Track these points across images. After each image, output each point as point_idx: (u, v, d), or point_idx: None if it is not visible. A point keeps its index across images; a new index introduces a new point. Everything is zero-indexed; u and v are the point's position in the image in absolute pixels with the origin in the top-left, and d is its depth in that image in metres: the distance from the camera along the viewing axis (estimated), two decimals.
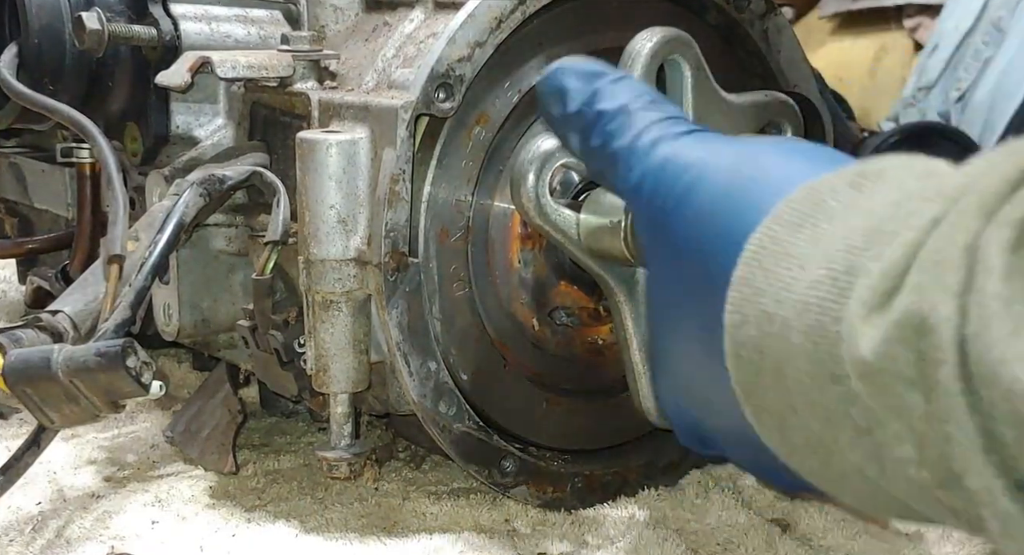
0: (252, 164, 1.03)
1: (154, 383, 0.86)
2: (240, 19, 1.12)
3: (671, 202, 0.66)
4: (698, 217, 0.64)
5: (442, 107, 0.92)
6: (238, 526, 0.97)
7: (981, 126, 2.08)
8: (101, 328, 0.90)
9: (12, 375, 0.87)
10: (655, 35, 0.95)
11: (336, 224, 0.93)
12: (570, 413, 1.03)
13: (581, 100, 0.75)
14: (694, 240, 0.64)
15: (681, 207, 0.65)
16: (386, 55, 0.99)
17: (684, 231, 0.65)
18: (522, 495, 1.00)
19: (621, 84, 0.75)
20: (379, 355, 0.96)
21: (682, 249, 0.65)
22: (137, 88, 1.10)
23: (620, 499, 1.04)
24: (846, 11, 2.49)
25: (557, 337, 1.01)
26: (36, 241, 1.34)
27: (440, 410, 0.95)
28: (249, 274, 1.05)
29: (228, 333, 1.10)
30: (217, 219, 1.06)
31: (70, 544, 0.94)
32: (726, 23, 1.07)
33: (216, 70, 0.99)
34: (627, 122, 0.72)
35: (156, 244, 0.95)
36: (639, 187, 0.69)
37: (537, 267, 1.00)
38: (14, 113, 1.13)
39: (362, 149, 0.93)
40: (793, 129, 1.04)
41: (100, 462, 1.11)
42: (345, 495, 1.03)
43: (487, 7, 0.93)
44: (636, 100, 0.73)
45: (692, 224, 0.64)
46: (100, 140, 1.00)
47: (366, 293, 0.94)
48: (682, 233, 0.65)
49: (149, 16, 1.08)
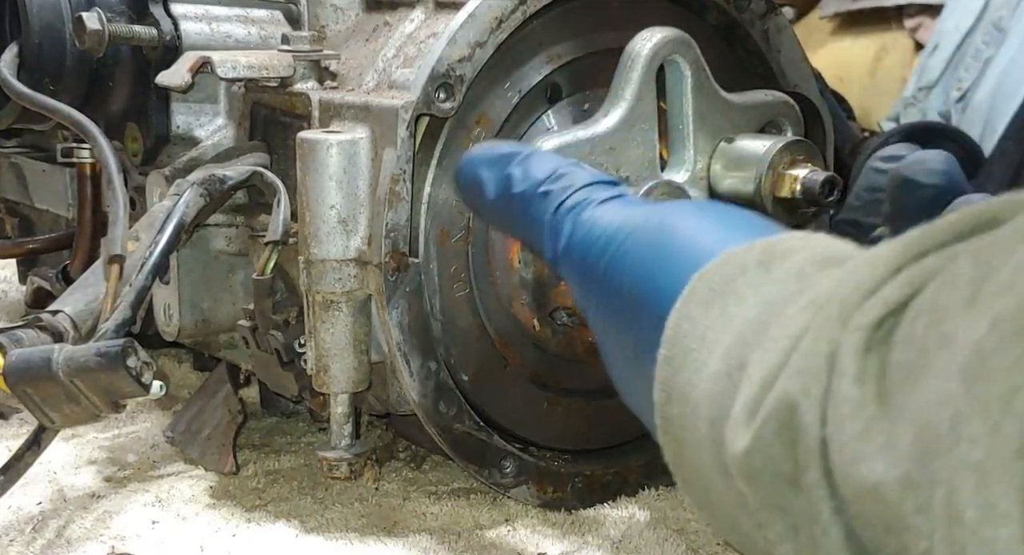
0: (252, 164, 1.03)
1: (154, 383, 0.86)
2: (240, 19, 1.12)
3: (596, 272, 0.67)
4: (622, 288, 0.65)
5: (442, 107, 0.92)
6: (238, 526, 0.97)
7: (982, 126, 2.08)
8: (101, 328, 0.90)
9: (13, 375, 0.87)
10: (655, 35, 0.95)
11: (336, 224, 0.93)
12: (570, 413, 1.03)
13: (496, 189, 0.75)
14: (621, 309, 0.65)
15: (606, 277, 0.66)
16: (386, 55, 0.99)
17: (611, 300, 0.66)
18: (522, 495, 1.00)
19: (530, 162, 0.75)
20: (379, 355, 0.96)
21: (612, 314, 0.66)
22: (138, 88, 1.10)
23: (620, 499, 1.04)
24: (846, 11, 2.49)
25: (558, 337, 1.01)
26: (36, 241, 1.34)
27: (440, 410, 0.95)
28: (249, 274, 1.05)
29: (228, 333, 1.10)
30: (217, 219, 1.06)
31: (70, 544, 0.94)
32: (726, 23, 1.07)
33: (216, 70, 0.99)
34: (543, 200, 0.72)
35: (156, 244, 0.95)
36: (565, 257, 0.70)
37: (537, 267, 1.00)
38: (15, 113, 1.13)
39: (362, 149, 0.93)
40: (793, 129, 1.04)
41: (100, 462, 1.11)
42: (345, 495, 1.03)
43: (487, 7, 0.93)
44: (548, 176, 0.73)
45: (617, 294, 0.65)
46: (100, 140, 1.00)
47: (366, 293, 0.94)
48: (609, 302, 0.66)
49: (150, 16, 1.08)
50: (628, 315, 0.64)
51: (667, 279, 0.61)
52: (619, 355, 0.67)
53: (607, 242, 0.67)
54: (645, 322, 0.62)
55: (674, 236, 0.63)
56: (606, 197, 0.70)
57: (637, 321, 0.63)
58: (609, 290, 0.66)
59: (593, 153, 0.94)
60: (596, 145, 0.94)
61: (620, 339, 0.66)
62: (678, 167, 0.99)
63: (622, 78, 0.95)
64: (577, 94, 1.00)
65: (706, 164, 0.99)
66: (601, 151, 0.94)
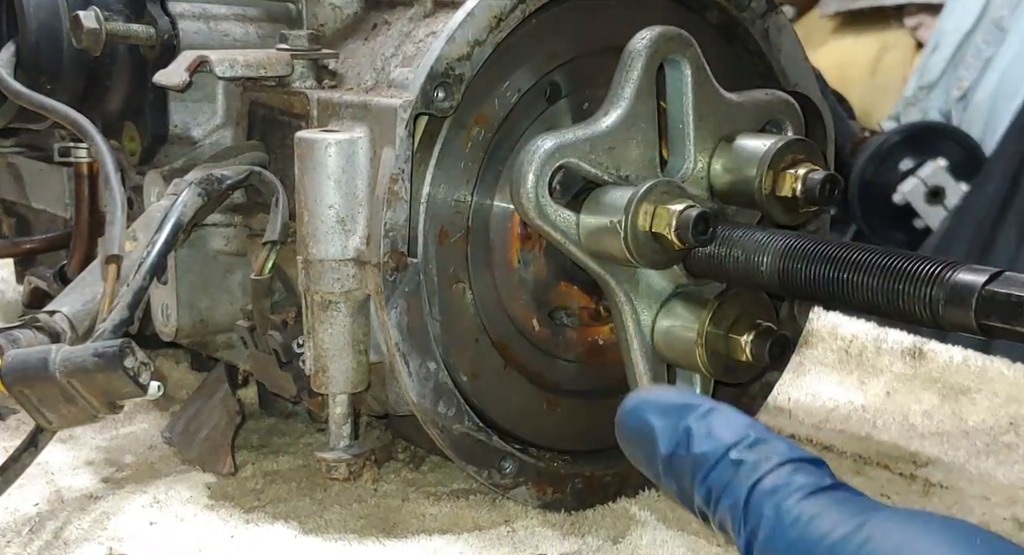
0: (250, 163, 1.02)
1: (152, 384, 0.85)
2: (238, 18, 1.12)
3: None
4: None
5: (441, 106, 0.91)
6: (237, 527, 0.97)
7: (982, 125, 2.08)
8: (99, 328, 0.90)
9: (10, 375, 0.87)
10: (655, 34, 0.95)
11: (335, 224, 0.93)
12: (570, 413, 1.03)
13: (670, 443, 0.67)
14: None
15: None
16: (385, 54, 0.99)
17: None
18: (522, 496, 0.99)
19: (715, 418, 0.66)
20: (378, 355, 0.96)
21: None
22: (135, 87, 1.10)
23: (620, 500, 1.03)
24: (847, 10, 2.49)
25: (557, 337, 1.01)
26: (33, 241, 1.34)
27: (439, 411, 0.95)
28: (247, 274, 1.05)
29: (226, 333, 1.10)
30: (215, 219, 1.06)
31: (68, 545, 0.94)
32: (727, 22, 1.07)
33: (214, 69, 0.99)
34: (735, 470, 0.64)
35: (154, 244, 0.95)
36: (767, 548, 0.61)
37: (537, 267, 1.00)
38: (11, 112, 1.13)
39: (361, 148, 0.93)
40: (794, 128, 1.04)
41: (98, 463, 1.11)
42: (344, 496, 1.03)
43: (487, 6, 0.93)
44: (740, 440, 0.65)
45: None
46: (98, 139, 0.99)
47: (365, 293, 0.94)
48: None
49: (147, 15, 1.08)
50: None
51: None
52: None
53: (815, 550, 0.59)
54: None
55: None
56: (811, 485, 0.62)
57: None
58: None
59: (593, 152, 0.93)
60: (596, 144, 0.93)
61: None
62: (678, 166, 0.98)
63: (622, 77, 0.94)
64: (576, 93, 1.00)
65: (706, 163, 0.98)
66: (601, 150, 0.94)
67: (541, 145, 0.92)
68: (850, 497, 0.61)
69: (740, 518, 0.63)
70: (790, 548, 0.60)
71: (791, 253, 0.89)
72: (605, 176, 0.94)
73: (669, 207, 0.91)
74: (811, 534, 0.59)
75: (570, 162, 0.93)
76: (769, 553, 0.61)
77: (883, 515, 0.59)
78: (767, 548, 0.61)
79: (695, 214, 0.90)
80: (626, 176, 0.95)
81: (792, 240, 0.90)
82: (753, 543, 0.62)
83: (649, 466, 0.69)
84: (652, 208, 0.91)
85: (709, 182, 0.99)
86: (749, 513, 0.62)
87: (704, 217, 0.90)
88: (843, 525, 0.59)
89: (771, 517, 0.61)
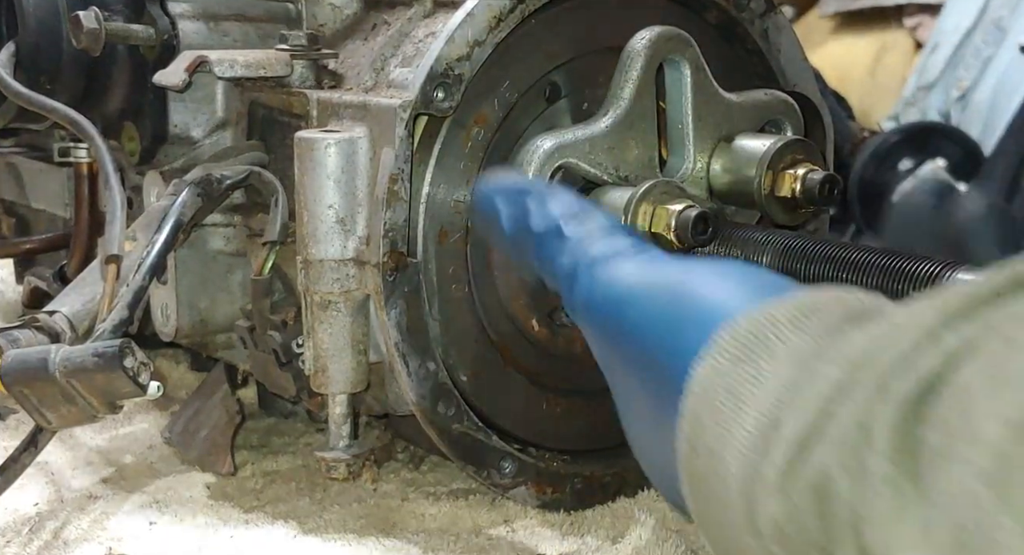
0: (250, 164, 1.02)
1: (152, 384, 0.85)
2: (238, 18, 1.12)
3: (614, 328, 0.67)
4: (643, 345, 0.64)
5: (441, 106, 0.91)
6: (236, 527, 0.97)
7: (981, 126, 2.08)
8: (99, 329, 0.90)
9: (9, 375, 0.87)
10: (653, 34, 0.95)
11: (334, 224, 0.93)
12: (569, 413, 1.03)
13: (512, 223, 0.75)
14: (640, 365, 0.64)
15: (625, 334, 0.66)
16: (384, 54, 0.99)
17: (629, 356, 0.65)
18: (521, 496, 0.99)
19: (548, 198, 0.75)
20: (378, 355, 0.96)
21: (630, 369, 0.66)
22: (135, 87, 1.10)
23: (619, 500, 1.03)
24: (846, 10, 2.49)
25: (557, 337, 1.01)
26: (33, 241, 1.34)
27: (439, 411, 0.95)
28: (247, 274, 1.05)
29: (226, 333, 1.10)
30: (215, 219, 1.06)
31: (68, 545, 0.94)
32: (726, 22, 1.07)
33: (214, 69, 0.99)
34: (560, 243, 0.72)
35: (154, 244, 0.95)
36: (585, 309, 0.69)
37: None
38: (11, 112, 1.13)
39: (361, 148, 0.93)
40: (793, 128, 1.04)
41: (97, 463, 1.11)
42: (344, 496, 1.03)
43: (486, 6, 0.93)
44: (565, 213, 0.73)
45: (636, 350, 0.65)
46: (97, 139, 0.99)
47: (365, 293, 0.94)
48: (627, 357, 0.66)
49: (147, 15, 1.08)
50: (647, 371, 0.64)
51: (691, 334, 0.60)
52: (635, 410, 0.67)
53: (627, 300, 0.66)
54: (666, 377, 0.61)
55: (697, 293, 0.63)
56: (624, 250, 0.69)
57: (657, 377, 0.62)
58: (628, 346, 0.65)
59: (592, 152, 0.93)
60: (595, 144, 0.93)
61: (638, 394, 0.66)
62: (677, 166, 0.98)
63: (621, 77, 0.94)
64: (576, 93, 1.00)
65: (705, 163, 0.99)
66: (600, 150, 0.94)
67: (540, 145, 0.92)
68: (662, 256, 0.68)
69: (567, 281, 0.70)
70: (603, 303, 0.68)
71: (791, 253, 0.89)
72: (604, 176, 0.94)
73: (668, 207, 0.91)
74: (622, 286, 0.67)
75: (569, 162, 0.93)
76: (584, 313, 0.69)
77: (694, 263, 0.67)
78: (583, 310, 0.69)
79: (694, 214, 0.90)
80: (625, 176, 0.95)
81: (792, 240, 0.90)
82: (572, 308, 0.70)
83: (500, 245, 0.77)
84: (651, 208, 0.91)
85: (708, 182, 0.99)
86: (572, 282, 0.70)
87: (703, 217, 0.90)
88: (654, 273, 0.67)
89: (586, 281, 0.69)
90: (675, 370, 0.60)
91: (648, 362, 0.64)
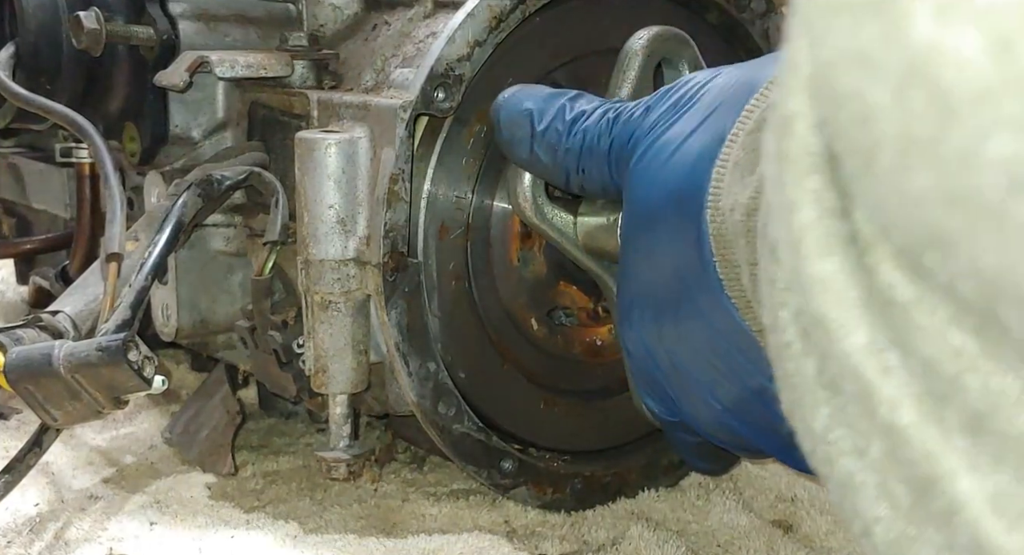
0: (250, 164, 1.02)
1: (156, 377, 0.85)
2: (239, 18, 1.12)
3: (678, 111, 0.77)
4: (703, 108, 0.75)
5: (441, 107, 0.91)
6: (237, 527, 0.97)
7: None
8: (101, 328, 0.90)
9: (14, 372, 0.87)
10: (652, 33, 0.95)
11: (335, 224, 0.93)
12: (568, 413, 1.03)
13: (549, 117, 0.85)
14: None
15: (688, 107, 0.76)
16: (385, 54, 0.99)
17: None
18: (521, 496, 0.99)
19: (579, 99, 0.85)
20: (378, 356, 0.96)
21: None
22: (135, 88, 1.09)
23: (620, 500, 1.03)
24: None
25: (556, 337, 1.01)
26: (33, 241, 1.34)
27: (439, 411, 0.95)
28: (248, 274, 1.05)
29: (227, 334, 1.10)
30: (216, 219, 1.06)
31: (68, 546, 0.94)
32: (727, 22, 1.07)
33: (215, 70, 0.99)
34: (607, 122, 0.82)
35: (155, 245, 0.95)
36: (650, 165, 0.77)
37: (536, 266, 1.00)
38: (12, 113, 1.13)
39: (361, 149, 0.93)
40: None
41: (98, 463, 1.11)
42: (344, 496, 1.03)
43: (486, 6, 0.93)
44: (597, 106, 0.84)
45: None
46: (97, 140, 0.99)
47: (365, 293, 0.94)
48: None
49: (147, 15, 1.08)
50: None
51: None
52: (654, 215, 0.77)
53: (690, 85, 0.79)
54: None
55: (760, 69, 0.74)
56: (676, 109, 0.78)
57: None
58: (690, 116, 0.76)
59: None
60: None
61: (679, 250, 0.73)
62: None
63: (619, 76, 0.94)
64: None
65: None
66: None
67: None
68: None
69: (630, 151, 0.79)
70: (662, 102, 0.79)
71: None
72: None
73: None
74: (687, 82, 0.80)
75: None
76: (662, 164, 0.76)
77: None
78: (655, 161, 0.77)
79: None
80: None
81: None
82: (621, 156, 0.80)
83: (523, 146, 0.86)
84: None
85: None
86: (640, 142, 0.79)
87: None
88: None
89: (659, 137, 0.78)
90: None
91: None
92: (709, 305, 0.71)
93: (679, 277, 0.73)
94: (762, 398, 0.71)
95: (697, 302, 0.72)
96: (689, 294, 0.72)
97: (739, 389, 0.73)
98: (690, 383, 0.76)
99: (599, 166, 0.82)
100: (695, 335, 0.73)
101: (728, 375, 0.73)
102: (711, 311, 0.71)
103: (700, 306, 0.72)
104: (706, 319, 0.71)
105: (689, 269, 0.71)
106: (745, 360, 0.71)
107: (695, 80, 0.79)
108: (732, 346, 0.71)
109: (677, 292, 0.74)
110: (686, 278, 0.72)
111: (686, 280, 0.72)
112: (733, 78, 0.75)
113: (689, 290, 0.72)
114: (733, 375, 0.72)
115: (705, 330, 0.72)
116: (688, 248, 0.71)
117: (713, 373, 0.74)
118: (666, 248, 0.74)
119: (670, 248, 0.74)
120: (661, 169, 0.75)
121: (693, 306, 0.72)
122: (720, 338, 0.71)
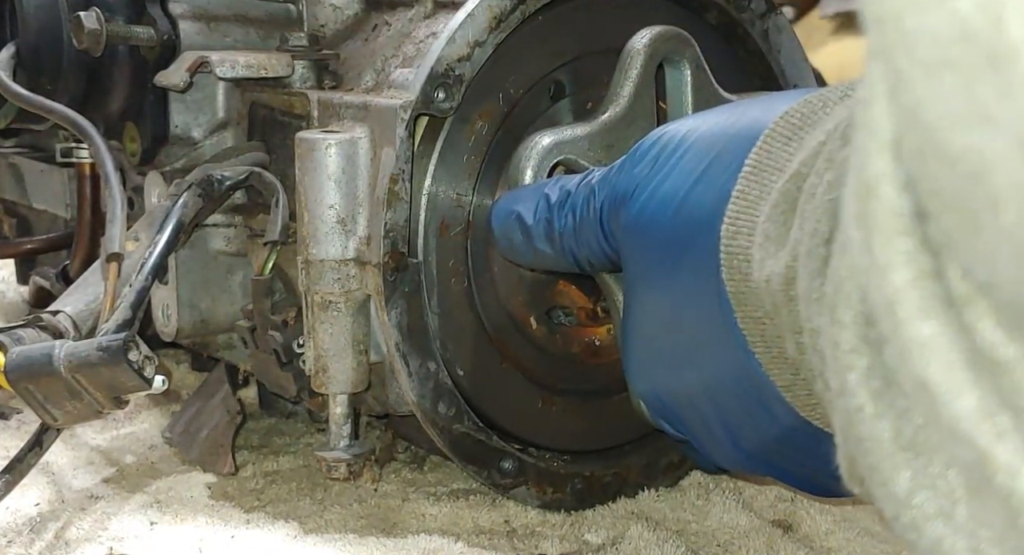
0: (251, 164, 1.03)
1: (157, 377, 0.86)
2: (239, 19, 1.12)
3: (665, 162, 0.74)
4: (695, 159, 0.72)
5: (441, 107, 0.92)
6: (237, 527, 0.97)
7: None
8: (102, 328, 0.90)
9: (14, 371, 0.87)
10: (653, 33, 0.95)
11: (335, 224, 0.93)
12: (568, 413, 1.03)
13: (536, 211, 0.85)
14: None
15: (676, 157, 0.73)
16: (385, 55, 0.99)
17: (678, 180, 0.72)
18: (521, 496, 1.00)
19: (561, 181, 0.85)
20: (378, 356, 0.96)
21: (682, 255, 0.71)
22: (135, 88, 1.10)
23: (620, 500, 1.03)
24: (847, 11, 2.49)
25: (555, 336, 1.01)
26: (34, 241, 1.34)
27: (439, 411, 0.95)
28: (248, 274, 1.05)
29: (227, 334, 1.10)
30: (216, 219, 1.06)
31: (68, 545, 0.94)
32: (727, 23, 1.07)
33: (215, 70, 0.99)
34: (591, 193, 0.81)
35: (156, 245, 0.95)
36: (639, 216, 0.75)
37: None
38: (12, 113, 1.13)
39: (361, 149, 0.93)
40: None
41: (98, 463, 1.11)
42: (344, 496, 1.03)
43: (486, 6, 0.93)
44: (581, 181, 0.84)
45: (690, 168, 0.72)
46: (97, 140, 0.99)
47: (365, 293, 0.94)
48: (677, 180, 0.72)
49: (147, 15, 1.08)
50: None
51: (740, 143, 0.68)
52: (660, 246, 0.75)
53: (678, 136, 0.75)
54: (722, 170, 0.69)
55: (746, 111, 0.71)
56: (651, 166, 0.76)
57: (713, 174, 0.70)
58: (677, 171, 0.73)
59: (590, 149, 0.93)
60: (594, 141, 0.93)
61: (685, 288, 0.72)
62: None
63: (620, 76, 0.95)
64: (580, 92, 1.00)
65: None
66: (599, 147, 0.94)
67: (539, 141, 0.92)
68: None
69: (615, 209, 0.78)
70: (655, 147, 0.77)
71: None
72: None
73: None
74: (672, 133, 0.77)
75: (568, 159, 0.93)
76: (651, 213, 0.76)
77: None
78: (645, 211, 0.76)
79: None
80: None
81: None
82: (631, 218, 0.78)
83: (524, 247, 0.87)
84: None
85: None
86: (629, 198, 0.77)
87: None
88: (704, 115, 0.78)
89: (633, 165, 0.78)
90: (730, 167, 0.68)
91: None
92: (730, 361, 0.69)
93: (694, 333, 0.72)
94: (787, 444, 0.71)
95: (718, 359, 0.71)
96: (709, 351, 0.71)
97: (762, 438, 0.72)
98: (710, 432, 0.75)
99: (594, 233, 0.81)
100: (714, 389, 0.72)
101: (751, 426, 0.72)
102: (732, 367, 0.70)
103: (720, 362, 0.71)
104: (726, 374, 0.71)
105: (706, 326, 0.71)
106: (767, 414, 0.70)
107: (669, 130, 0.77)
108: (753, 400, 0.70)
109: (692, 349, 0.73)
110: (701, 334, 0.72)
111: (701, 336, 0.72)
112: (718, 127, 0.73)
113: (708, 346, 0.71)
114: (756, 426, 0.71)
115: (726, 384, 0.71)
116: (705, 306, 0.70)
117: (734, 424, 0.73)
118: (679, 304, 0.73)
119: (683, 304, 0.73)
120: (666, 227, 0.73)
121: (713, 362, 0.71)
122: (742, 392, 0.70)
